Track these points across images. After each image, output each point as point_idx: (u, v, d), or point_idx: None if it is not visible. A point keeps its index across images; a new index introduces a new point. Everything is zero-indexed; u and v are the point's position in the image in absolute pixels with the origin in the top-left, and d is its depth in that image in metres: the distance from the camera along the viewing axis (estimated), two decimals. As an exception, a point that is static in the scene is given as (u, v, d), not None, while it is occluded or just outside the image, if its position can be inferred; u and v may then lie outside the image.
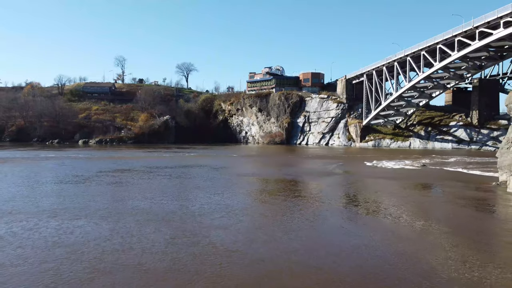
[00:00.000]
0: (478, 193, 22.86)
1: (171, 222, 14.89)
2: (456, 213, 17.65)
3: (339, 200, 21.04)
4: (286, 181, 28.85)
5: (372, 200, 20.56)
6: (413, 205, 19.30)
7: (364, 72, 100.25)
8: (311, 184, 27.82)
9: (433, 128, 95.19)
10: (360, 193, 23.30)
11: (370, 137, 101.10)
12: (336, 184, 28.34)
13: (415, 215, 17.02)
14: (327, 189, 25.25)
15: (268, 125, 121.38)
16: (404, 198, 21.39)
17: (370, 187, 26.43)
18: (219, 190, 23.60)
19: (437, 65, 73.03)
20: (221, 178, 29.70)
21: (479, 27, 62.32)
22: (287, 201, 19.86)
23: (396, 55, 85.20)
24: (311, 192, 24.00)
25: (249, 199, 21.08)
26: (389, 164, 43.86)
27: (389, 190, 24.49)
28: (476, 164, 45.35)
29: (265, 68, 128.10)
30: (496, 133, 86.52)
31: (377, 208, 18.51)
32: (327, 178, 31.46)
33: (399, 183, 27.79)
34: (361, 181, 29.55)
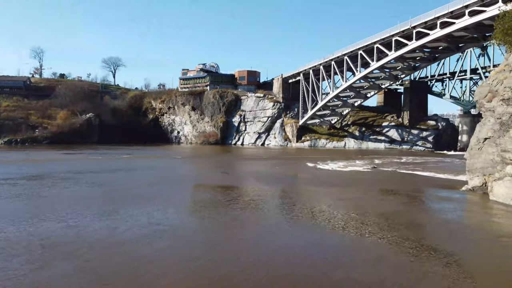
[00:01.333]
0: (458, 204, 19.88)
1: (91, 262, 9.70)
2: (457, 237, 14.11)
3: (297, 218, 16.76)
4: (232, 189, 24.18)
5: (338, 217, 16.54)
6: (390, 223, 15.58)
7: (301, 71, 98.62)
8: (261, 192, 23.37)
9: (367, 128, 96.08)
10: (318, 205, 19.23)
11: (306, 137, 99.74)
12: (289, 194, 24.14)
13: (401, 238, 13.18)
14: (279, 200, 20.99)
15: (202, 124, 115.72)
16: (375, 211, 17.66)
17: (324, 196, 22.57)
18: (157, 202, 18.43)
19: (374, 65, 72.73)
20: (157, 186, 24.32)
21: (416, 27, 62.44)
22: (236, 218, 15.24)
23: (334, 54, 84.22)
24: (267, 203, 19.52)
25: (189, 213, 16.13)
26: (336, 166, 40.94)
27: (347, 198, 20.77)
28: (425, 165, 44.05)
29: (199, 64, 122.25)
30: (425, 133, 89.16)
31: (345, 225, 14.49)
32: (276, 184, 27.24)
33: (357, 190, 24.30)
34: (313, 188, 25.67)
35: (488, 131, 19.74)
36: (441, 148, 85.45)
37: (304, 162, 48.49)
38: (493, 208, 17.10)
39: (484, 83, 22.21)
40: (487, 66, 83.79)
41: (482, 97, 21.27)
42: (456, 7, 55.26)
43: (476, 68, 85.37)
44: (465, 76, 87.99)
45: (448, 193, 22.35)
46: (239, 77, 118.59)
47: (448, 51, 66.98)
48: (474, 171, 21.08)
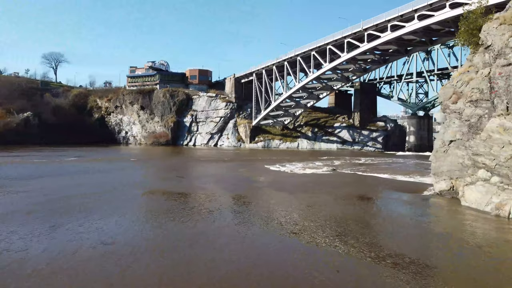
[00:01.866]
0: (427, 209, 19.29)
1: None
2: (432, 246, 13.26)
3: (266, 228, 15.31)
4: (191, 196, 22.27)
5: (311, 228, 15.29)
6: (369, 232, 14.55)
7: (254, 71, 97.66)
8: (222, 199, 21.66)
9: (320, 129, 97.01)
10: (286, 214, 17.91)
11: (260, 138, 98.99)
12: (252, 200, 22.60)
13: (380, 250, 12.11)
14: (242, 208, 19.46)
15: (152, 124, 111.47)
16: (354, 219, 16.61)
17: (289, 202, 21.32)
18: (109, 214, 16.24)
19: (327, 66, 73.20)
20: (107, 194, 21.84)
21: (368, 29, 63.39)
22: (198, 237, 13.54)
23: (287, 55, 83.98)
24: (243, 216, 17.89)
25: (147, 227, 14.14)
26: (295, 168, 40.02)
27: (314, 204, 19.63)
28: (382, 167, 44.25)
29: (148, 62, 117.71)
30: (375, 134, 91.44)
31: (321, 239, 13.25)
32: (237, 190, 25.64)
33: (322, 195, 23.27)
34: (275, 193, 24.35)
35: (455, 133, 19.36)
36: (390, 149, 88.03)
37: (262, 164, 47.24)
38: (466, 214, 16.60)
39: (448, 84, 21.95)
40: (431, 69, 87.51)
41: (447, 98, 20.95)
42: (406, 11, 56.56)
43: (422, 72, 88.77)
44: (411, 79, 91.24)
45: (415, 197, 21.86)
46: (190, 76, 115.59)
47: (398, 54, 68.75)
48: (440, 174, 20.69)
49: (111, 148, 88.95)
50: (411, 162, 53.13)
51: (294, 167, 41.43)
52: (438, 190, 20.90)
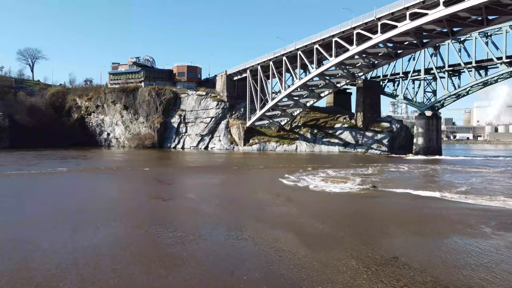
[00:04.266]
0: None
1: None
2: None
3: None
4: (192, 242, 14.24)
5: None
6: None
7: (248, 67, 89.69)
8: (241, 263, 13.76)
9: (319, 130, 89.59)
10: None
11: (254, 140, 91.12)
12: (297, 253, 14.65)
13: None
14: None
15: (136, 125, 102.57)
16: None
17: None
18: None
19: (332, 61, 65.76)
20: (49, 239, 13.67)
21: (382, 19, 56.06)
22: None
23: (286, 49, 76.26)
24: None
25: None
26: (319, 182, 32.08)
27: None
28: (427, 180, 36.75)
29: (132, 58, 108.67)
30: (380, 135, 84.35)
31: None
32: (260, 233, 17.69)
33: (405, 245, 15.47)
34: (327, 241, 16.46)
35: None
36: (396, 151, 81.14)
37: (268, 174, 39.57)
38: None
39: None
40: (440, 66, 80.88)
41: None
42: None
43: (430, 68, 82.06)
44: (419, 76, 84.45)
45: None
46: (178, 73, 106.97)
47: (413, 47, 61.53)
48: None
49: (90, 151, 79.96)
50: (439, 169, 45.80)
51: (314, 179, 33.62)
52: None
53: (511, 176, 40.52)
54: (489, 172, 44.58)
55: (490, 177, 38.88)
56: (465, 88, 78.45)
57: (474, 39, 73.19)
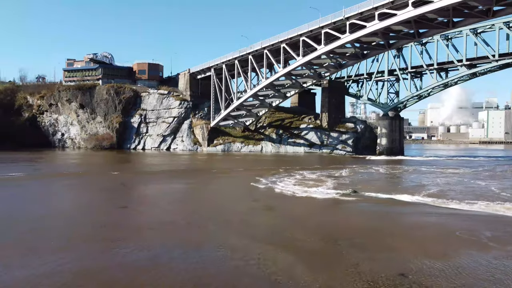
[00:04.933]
0: None
1: None
2: None
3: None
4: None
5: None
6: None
7: (212, 66, 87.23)
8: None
9: (285, 131, 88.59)
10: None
11: (219, 141, 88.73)
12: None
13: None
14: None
15: (93, 125, 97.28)
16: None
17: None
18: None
19: (300, 60, 64.76)
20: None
21: (350, 18, 55.56)
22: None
23: (252, 47, 74.52)
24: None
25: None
26: (292, 186, 30.45)
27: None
28: (402, 179, 35.98)
29: (89, 54, 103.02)
30: (345, 136, 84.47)
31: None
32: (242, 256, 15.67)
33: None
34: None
35: None
36: (360, 152, 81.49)
37: (241, 177, 37.67)
38: None
39: None
40: (403, 67, 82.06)
41: None
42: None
43: (394, 69, 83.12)
44: (382, 77, 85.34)
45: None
46: (138, 71, 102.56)
47: (380, 47, 61.64)
48: None
49: (42, 153, 74.54)
50: (410, 170, 45.59)
51: (288, 183, 31.99)
52: None
53: (485, 176, 40.90)
54: (461, 173, 44.99)
55: (463, 178, 38.95)
56: (426, 89, 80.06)
57: (436, 41, 74.72)
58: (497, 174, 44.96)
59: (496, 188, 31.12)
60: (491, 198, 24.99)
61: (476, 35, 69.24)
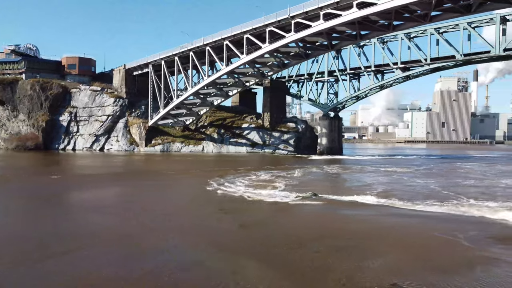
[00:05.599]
0: None
1: None
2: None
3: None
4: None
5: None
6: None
7: (150, 62, 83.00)
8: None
9: (226, 131, 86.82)
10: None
11: (157, 140, 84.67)
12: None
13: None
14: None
15: (16, 123, 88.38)
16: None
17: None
18: None
19: (244, 58, 63.35)
20: None
21: (295, 17, 55.17)
22: None
23: (194, 43, 71.82)
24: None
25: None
26: (249, 190, 28.84)
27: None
28: (361, 186, 35.69)
29: (10, 45, 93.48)
30: (287, 136, 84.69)
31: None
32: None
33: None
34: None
35: None
36: (301, 151, 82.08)
37: (190, 181, 35.41)
38: None
39: None
40: (342, 69, 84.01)
41: None
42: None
43: (333, 70, 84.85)
44: (322, 78, 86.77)
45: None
46: (67, 65, 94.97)
47: (323, 48, 62.09)
48: None
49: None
50: (357, 169, 46.09)
51: (242, 186, 30.36)
52: None
53: (421, 174, 42.34)
54: (399, 171, 46.36)
55: (402, 176, 39.95)
56: (364, 91, 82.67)
57: (373, 44, 77.31)
58: (432, 172, 47.18)
59: (435, 186, 32.28)
60: (440, 198, 25.35)
61: (410, 40, 72.59)
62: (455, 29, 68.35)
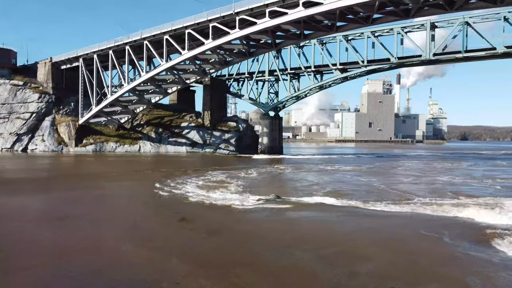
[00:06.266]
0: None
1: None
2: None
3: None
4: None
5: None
6: None
7: (81, 56, 77.01)
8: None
9: (165, 130, 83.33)
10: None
11: (89, 140, 78.84)
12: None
13: None
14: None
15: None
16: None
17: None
18: None
19: (186, 54, 60.83)
20: None
21: (240, 14, 53.81)
22: None
23: (130, 37, 67.64)
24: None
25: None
26: (204, 193, 26.93)
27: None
28: (321, 187, 34.98)
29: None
30: (228, 135, 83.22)
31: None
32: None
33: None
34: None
35: None
36: (243, 151, 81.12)
37: (135, 184, 32.61)
38: None
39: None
40: (283, 68, 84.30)
41: None
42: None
43: (274, 70, 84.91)
44: (263, 77, 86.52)
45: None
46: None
47: (267, 47, 61.42)
48: None
49: None
50: (308, 168, 45.88)
51: (195, 188, 28.37)
52: None
53: (362, 172, 43.21)
54: (341, 169, 47.05)
55: (345, 175, 40.44)
56: (304, 91, 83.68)
57: (313, 45, 78.46)
58: (373, 170, 48.55)
59: (380, 184, 32.99)
60: (394, 197, 25.57)
61: (348, 42, 74.63)
62: (389, 33, 71.43)
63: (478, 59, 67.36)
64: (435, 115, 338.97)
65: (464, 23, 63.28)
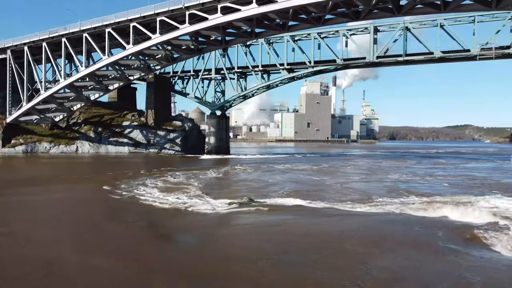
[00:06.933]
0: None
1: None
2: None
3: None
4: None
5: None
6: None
7: (9, 47, 70.04)
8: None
9: (105, 129, 78.43)
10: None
11: (19, 140, 71.93)
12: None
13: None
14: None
15: None
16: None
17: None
18: None
19: (130, 49, 57.41)
20: None
21: (190, 8, 51.66)
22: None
23: (68, 29, 62.56)
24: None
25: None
26: (167, 197, 24.92)
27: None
28: (294, 188, 33.87)
29: None
30: (173, 134, 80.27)
31: None
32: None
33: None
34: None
35: None
36: (189, 151, 78.71)
37: (82, 188, 29.62)
38: None
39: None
40: (229, 67, 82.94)
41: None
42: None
43: (221, 68, 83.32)
44: (209, 75, 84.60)
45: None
46: None
47: (217, 43, 59.63)
48: None
49: None
50: (267, 167, 44.90)
51: (154, 191, 26.22)
52: None
53: (314, 172, 43.35)
54: (295, 169, 47.01)
55: (299, 175, 40.32)
56: (251, 90, 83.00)
57: (260, 44, 78.00)
58: (323, 169, 49.04)
59: (334, 182, 33.19)
60: (360, 198, 25.54)
61: (295, 42, 75.11)
62: (335, 35, 72.97)
63: (417, 62, 70.84)
64: (368, 116, 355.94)
65: (405, 28, 66.24)
